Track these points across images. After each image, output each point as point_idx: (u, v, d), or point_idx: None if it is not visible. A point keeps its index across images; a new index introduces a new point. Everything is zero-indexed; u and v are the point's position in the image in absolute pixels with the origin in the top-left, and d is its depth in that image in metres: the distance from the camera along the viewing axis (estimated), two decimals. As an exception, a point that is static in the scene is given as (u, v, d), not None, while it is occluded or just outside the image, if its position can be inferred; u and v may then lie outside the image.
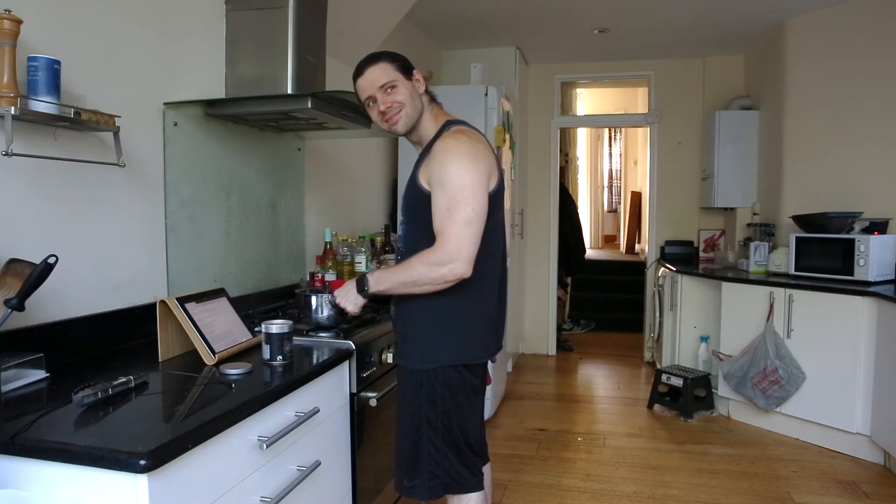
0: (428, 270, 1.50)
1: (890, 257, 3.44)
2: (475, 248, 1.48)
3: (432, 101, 1.71)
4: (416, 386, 1.61)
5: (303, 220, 2.80)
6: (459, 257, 1.46)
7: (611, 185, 11.28)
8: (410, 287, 1.56)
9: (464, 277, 1.48)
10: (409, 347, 1.64)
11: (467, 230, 1.46)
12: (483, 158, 1.55)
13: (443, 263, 1.47)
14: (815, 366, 3.39)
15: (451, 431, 1.61)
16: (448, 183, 1.49)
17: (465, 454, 1.64)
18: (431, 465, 1.61)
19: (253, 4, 2.16)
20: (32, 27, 1.46)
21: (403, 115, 1.64)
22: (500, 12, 4.14)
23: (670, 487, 2.92)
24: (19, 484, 1.08)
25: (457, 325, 1.60)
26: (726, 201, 4.81)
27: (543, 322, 5.61)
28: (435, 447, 1.61)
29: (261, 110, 2.10)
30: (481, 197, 1.50)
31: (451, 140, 1.55)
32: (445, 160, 1.51)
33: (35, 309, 1.48)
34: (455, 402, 1.61)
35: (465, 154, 1.51)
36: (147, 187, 1.89)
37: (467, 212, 1.46)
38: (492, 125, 3.68)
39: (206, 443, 1.17)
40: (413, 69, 1.68)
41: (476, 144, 1.56)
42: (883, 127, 3.76)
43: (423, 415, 1.61)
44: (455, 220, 1.46)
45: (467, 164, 1.50)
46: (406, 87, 1.64)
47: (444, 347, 1.59)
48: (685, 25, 4.37)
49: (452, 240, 1.46)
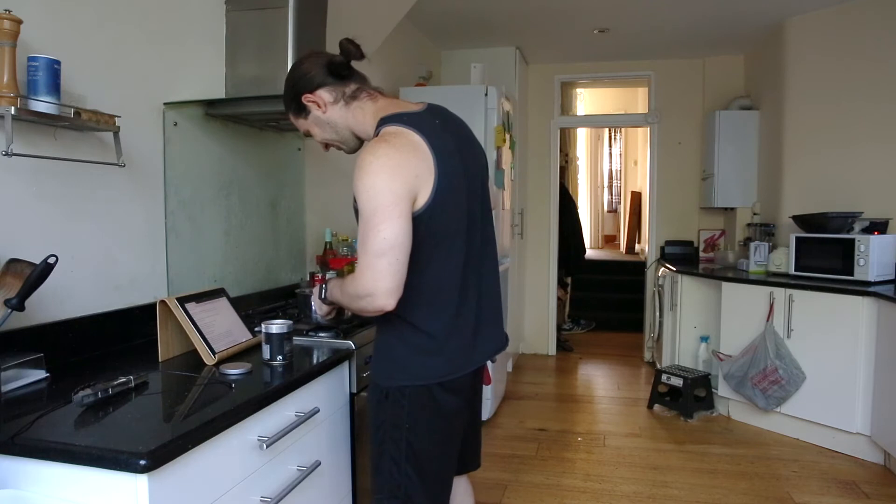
0: (350, 301, 1.38)
1: (890, 257, 3.44)
2: (393, 280, 1.28)
3: (354, 98, 1.49)
4: (381, 398, 1.47)
5: (303, 220, 2.80)
6: (376, 290, 1.28)
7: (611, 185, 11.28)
8: (348, 307, 1.49)
9: (385, 310, 1.31)
10: (376, 361, 1.53)
11: (380, 262, 1.27)
12: (402, 172, 1.31)
13: (359, 296, 1.31)
14: (815, 366, 3.39)
15: (415, 451, 1.46)
16: (361, 205, 1.31)
17: (428, 478, 1.48)
18: (391, 484, 1.47)
19: (253, 4, 2.16)
20: (32, 27, 1.46)
21: (337, 145, 1.57)
22: (500, 12, 4.14)
23: (670, 487, 2.92)
24: (19, 484, 1.08)
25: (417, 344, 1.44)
26: (726, 201, 4.81)
27: (543, 322, 5.61)
28: (396, 465, 1.46)
29: (261, 110, 2.11)
30: (397, 219, 1.28)
31: (366, 154, 1.34)
32: (358, 178, 1.31)
33: (35, 309, 1.48)
34: (422, 422, 1.46)
35: (379, 171, 1.30)
36: (147, 187, 1.89)
37: (378, 241, 1.27)
38: (492, 125, 3.68)
39: (206, 443, 1.17)
40: (301, 96, 1.49)
41: (395, 154, 1.32)
42: (883, 127, 3.77)
43: (386, 430, 1.47)
44: (367, 250, 1.29)
45: (380, 184, 1.29)
46: (315, 124, 1.52)
47: (407, 366, 1.45)
48: (685, 25, 4.37)
49: (366, 272, 1.29)
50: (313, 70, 1.49)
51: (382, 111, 1.45)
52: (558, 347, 5.69)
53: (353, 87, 1.50)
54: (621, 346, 5.96)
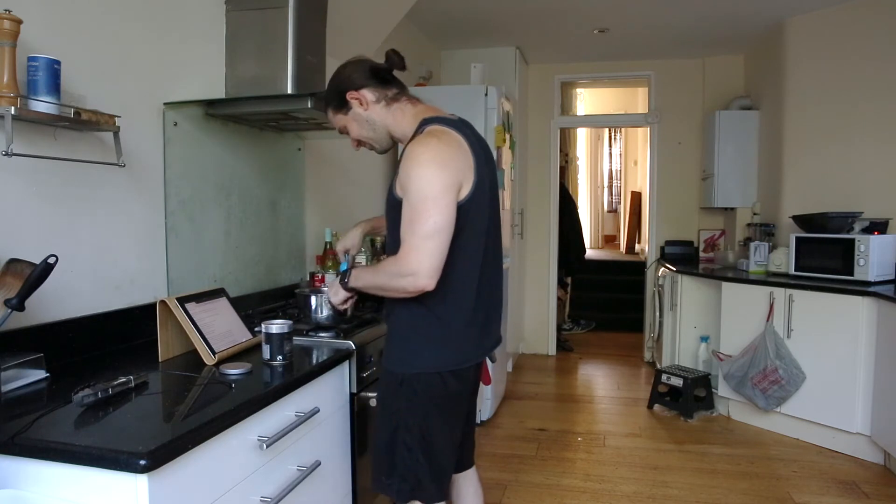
0: (390, 279, 1.47)
1: (890, 257, 3.44)
2: (437, 261, 1.41)
3: (395, 101, 1.60)
4: (397, 385, 1.56)
5: (303, 220, 2.80)
6: (419, 270, 1.40)
7: (611, 185, 11.28)
8: (379, 291, 1.55)
9: (426, 290, 1.42)
10: (391, 349, 1.61)
11: (427, 243, 1.40)
12: (451, 164, 1.45)
13: (402, 275, 1.42)
14: (815, 366, 3.39)
15: (426, 437, 1.56)
16: (411, 192, 1.43)
17: (435, 463, 1.59)
18: (403, 468, 1.57)
19: (253, 4, 2.16)
20: (32, 27, 1.46)
21: (370, 143, 1.64)
22: (500, 12, 4.14)
23: (670, 487, 2.92)
24: (19, 484, 1.08)
25: (434, 333, 1.55)
26: (726, 201, 4.81)
27: (543, 322, 5.61)
28: (409, 449, 1.56)
29: (261, 110, 2.11)
30: (445, 207, 1.41)
31: (418, 146, 1.46)
32: (410, 168, 1.44)
33: (35, 309, 1.48)
34: (433, 407, 1.56)
35: (430, 162, 1.43)
36: (147, 187, 1.89)
37: (428, 224, 1.40)
38: (492, 125, 3.68)
39: (206, 443, 1.17)
40: (346, 93, 1.58)
41: (445, 149, 1.46)
42: (883, 127, 3.77)
43: (400, 416, 1.56)
44: (415, 232, 1.41)
45: (431, 173, 1.42)
46: (353, 121, 1.60)
47: (423, 354, 1.55)
48: (685, 25, 4.37)
49: (412, 252, 1.41)
50: (357, 72, 1.60)
51: (422, 114, 1.57)
52: (558, 347, 5.69)
53: (395, 91, 1.61)
54: (621, 346, 5.96)
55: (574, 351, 5.77)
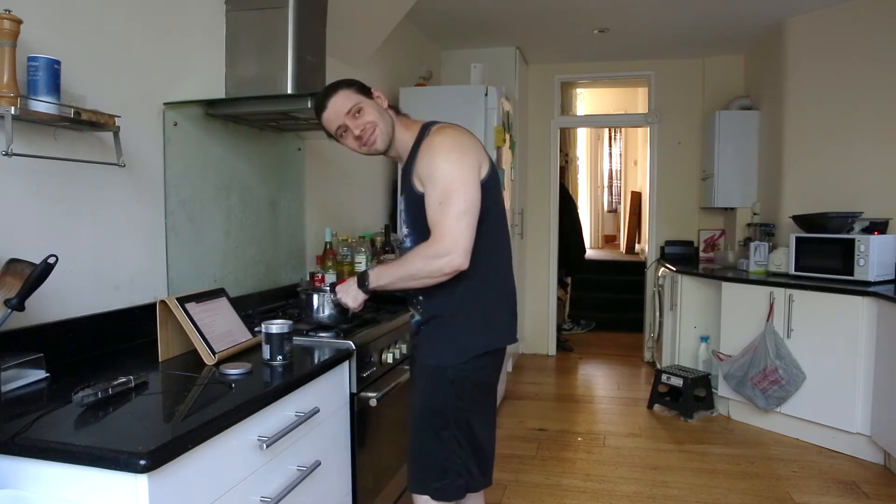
0: (425, 264, 1.52)
1: (890, 257, 3.44)
2: (471, 240, 1.50)
3: (399, 115, 1.72)
4: (447, 383, 1.60)
5: (303, 220, 2.80)
6: (456, 249, 1.47)
7: (611, 185, 11.28)
8: (409, 281, 1.58)
9: (461, 269, 1.49)
10: (433, 343, 1.65)
11: (461, 222, 1.48)
12: (470, 150, 1.57)
13: (439, 256, 1.48)
14: (815, 366, 3.39)
15: (472, 429, 1.63)
16: (438, 177, 1.51)
17: (481, 451, 1.67)
18: (457, 465, 1.62)
19: (253, 4, 2.16)
20: (32, 27, 1.46)
21: (380, 133, 1.65)
22: (500, 12, 4.14)
23: (670, 487, 2.92)
24: (19, 484, 1.08)
25: (473, 316, 1.61)
26: (726, 201, 4.81)
27: (543, 322, 5.61)
28: (460, 445, 1.62)
29: (261, 110, 2.11)
30: (472, 188, 1.51)
31: (437, 136, 1.58)
32: (433, 156, 1.53)
33: (35, 309, 1.48)
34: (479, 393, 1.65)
35: (453, 148, 1.54)
36: (147, 187, 1.89)
37: (459, 204, 1.48)
38: (492, 125, 3.68)
39: (206, 443, 1.17)
40: (371, 89, 1.68)
41: (461, 137, 1.59)
42: (883, 127, 3.77)
43: (450, 413, 1.61)
44: (448, 213, 1.48)
45: (455, 158, 1.52)
46: (372, 106, 1.64)
47: (466, 341, 1.61)
48: (685, 25, 4.37)
49: (447, 232, 1.48)
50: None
51: (418, 123, 1.68)
52: (558, 347, 5.69)
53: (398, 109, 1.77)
54: (621, 346, 5.96)
55: (574, 351, 5.77)
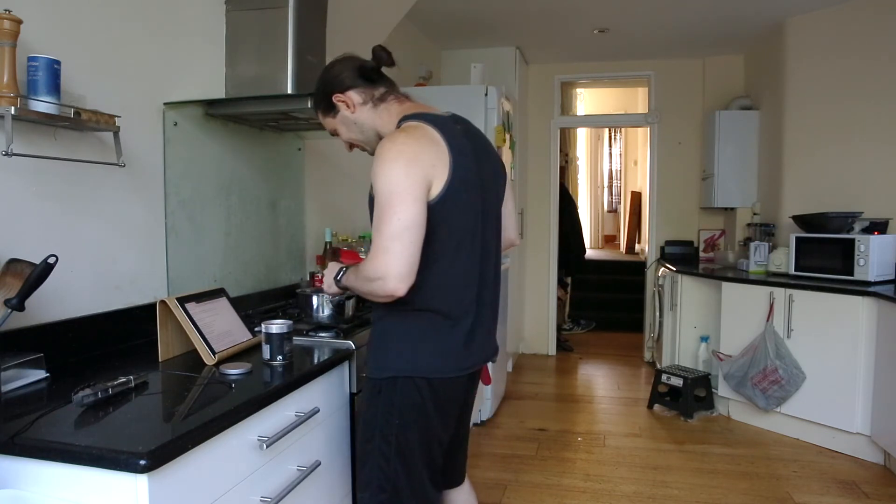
0: (362, 283, 1.39)
1: (890, 257, 3.44)
2: (406, 264, 1.31)
3: (382, 101, 1.54)
4: (375, 394, 1.49)
5: (303, 220, 2.80)
6: (387, 274, 1.30)
7: (611, 185, 11.28)
8: (360, 293, 1.48)
9: (396, 295, 1.32)
10: (370, 355, 1.55)
11: (394, 244, 1.30)
12: (419, 160, 1.35)
13: (371, 279, 1.33)
14: (815, 366, 3.39)
15: (404, 447, 1.48)
16: (377, 191, 1.35)
17: (414, 475, 1.49)
18: (380, 479, 1.48)
19: (253, 4, 2.16)
20: (32, 27, 1.46)
21: (361, 144, 1.59)
22: (500, 12, 4.14)
23: (670, 487, 2.92)
24: (19, 484, 1.08)
25: (413, 337, 1.46)
26: (726, 201, 4.81)
27: (543, 322, 5.61)
28: (385, 459, 1.48)
29: (261, 110, 2.11)
30: (412, 205, 1.31)
31: (386, 142, 1.38)
32: (376, 166, 1.36)
33: (35, 309, 1.48)
34: (413, 416, 1.47)
35: (397, 158, 1.34)
36: (147, 187, 1.89)
37: (393, 224, 1.30)
38: (492, 125, 3.68)
39: (206, 443, 1.17)
40: (332, 95, 1.53)
41: (413, 143, 1.37)
42: (883, 127, 3.77)
43: (377, 425, 1.48)
44: (381, 232, 1.32)
45: (397, 170, 1.33)
46: (342, 124, 1.56)
47: (398, 357, 1.46)
48: (685, 25, 4.37)
49: (379, 255, 1.31)
50: (345, 72, 1.54)
51: (406, 112, 1.50)
52: (558, 347, 5.69)
53: (382, 90, 1.55)
54: (621, 346, 5.96)
55: (574, 351, 5.77)
